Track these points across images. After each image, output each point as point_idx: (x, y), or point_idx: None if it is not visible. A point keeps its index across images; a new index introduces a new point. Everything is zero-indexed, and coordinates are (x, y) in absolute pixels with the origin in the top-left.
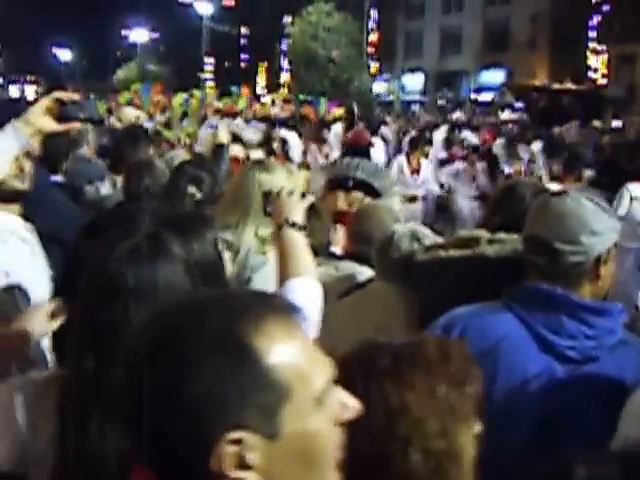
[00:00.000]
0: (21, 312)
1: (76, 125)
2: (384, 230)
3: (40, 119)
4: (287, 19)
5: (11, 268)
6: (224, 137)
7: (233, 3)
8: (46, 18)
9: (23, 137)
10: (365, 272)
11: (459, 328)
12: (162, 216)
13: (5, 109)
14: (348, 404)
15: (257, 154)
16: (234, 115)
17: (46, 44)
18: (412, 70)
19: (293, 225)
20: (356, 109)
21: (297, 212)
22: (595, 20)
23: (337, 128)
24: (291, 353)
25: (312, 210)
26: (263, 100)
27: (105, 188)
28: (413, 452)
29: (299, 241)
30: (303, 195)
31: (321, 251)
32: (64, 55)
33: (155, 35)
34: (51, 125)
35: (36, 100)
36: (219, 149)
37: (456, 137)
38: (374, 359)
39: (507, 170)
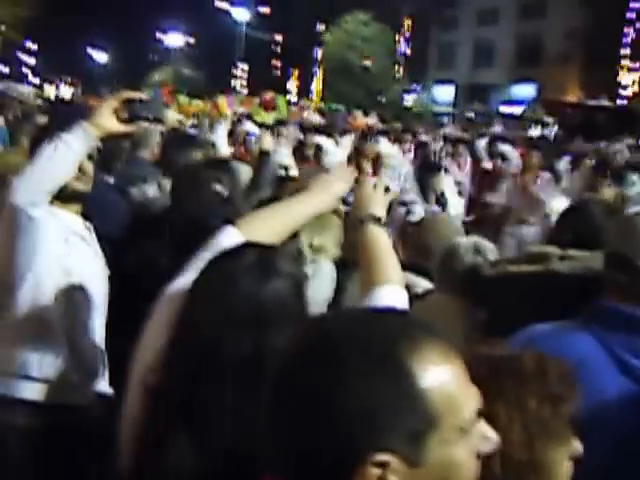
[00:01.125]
0: (80, 311)
1: (141, 125)
2: (444, 242)
3: (108, 120)
4: (321, 27)
5: (73, 267)
6: (268, 144)
7: (269, 10)
8: (82, 19)
9: (92, 139)
10: (423, 284)
11: (535, 347)
12: None
13: (74, 114)
14: (489, 436)
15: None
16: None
17: (82, 45)
18: (443, 82)
19: (377, 221)
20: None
21: (381, 206)
22: (629, 37)
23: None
24: (445, 379)
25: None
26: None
27: (151, 191)
28: (494, 459)
29: (384, 239)
30: (387, 189)
31: None
32: (100, 57)
33: (190, 39)
34: (118, 126)
35: (72, 101)
36: (263, 156)
37: (496, 151)
38: (472, 368)
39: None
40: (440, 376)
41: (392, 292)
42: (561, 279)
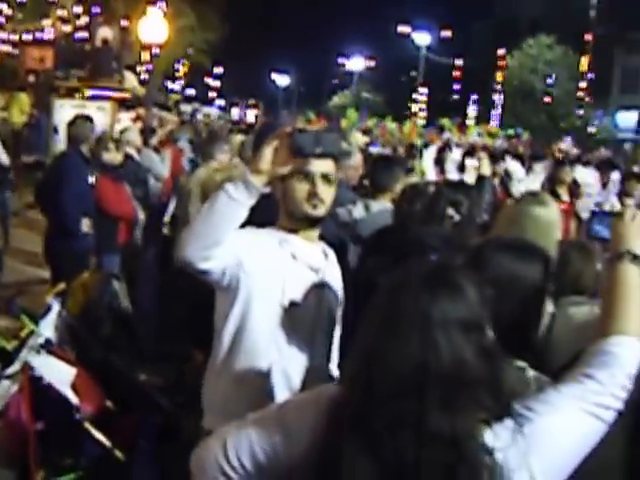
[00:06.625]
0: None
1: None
2: None
3: (269, 165)
4: (502, 51)
5: (294, 298)
6: (487, 169)
7: (450, 34)
8: (265, 44)
9: (255, 187)
10: None
11: None
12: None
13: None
14: None
15: None
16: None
17: (264, 69)
18: (627, 107)
19: (635, 259)
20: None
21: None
22: None
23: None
24: None
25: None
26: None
27: (357, 211)
28: None
29: (636, 282)
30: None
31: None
32: (282, 80)
33: (371, 63)
34: (281, 168)
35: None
36: (482, 180)
37: None
38: None
39: None
40: None
41: (628, 344)
42: None
